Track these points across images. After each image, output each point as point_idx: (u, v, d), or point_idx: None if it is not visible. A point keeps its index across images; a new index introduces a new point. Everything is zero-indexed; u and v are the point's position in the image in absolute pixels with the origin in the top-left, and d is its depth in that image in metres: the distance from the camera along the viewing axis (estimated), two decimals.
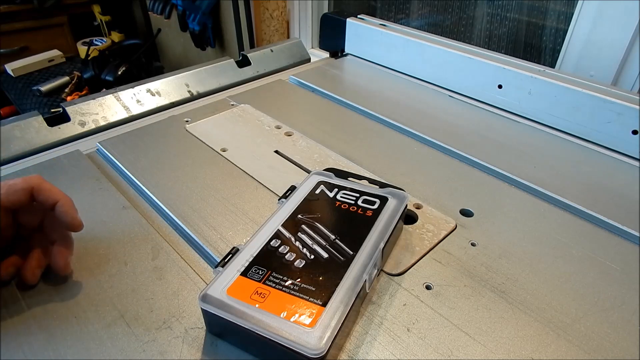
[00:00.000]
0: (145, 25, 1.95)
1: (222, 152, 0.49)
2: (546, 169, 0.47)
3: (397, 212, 0.36)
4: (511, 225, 0.40)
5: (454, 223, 0.40)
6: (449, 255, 0.36)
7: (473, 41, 1.03)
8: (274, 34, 1.42)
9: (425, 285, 0.34)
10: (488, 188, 0.45)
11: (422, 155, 0.50)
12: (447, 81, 0.64)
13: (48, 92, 1.46)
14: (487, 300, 0.33)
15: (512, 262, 0.36)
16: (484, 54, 0.60)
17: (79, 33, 1.85)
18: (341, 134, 0.54)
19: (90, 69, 1.44)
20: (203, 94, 0.64)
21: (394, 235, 0.36)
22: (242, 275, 0.30)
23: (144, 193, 0.43)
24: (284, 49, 0.74)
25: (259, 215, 0.40)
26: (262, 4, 1.37)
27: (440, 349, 0.29)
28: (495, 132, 0.55)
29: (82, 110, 0.55)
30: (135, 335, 0.29)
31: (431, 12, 1.10)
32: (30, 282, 0.32)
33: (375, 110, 0.58)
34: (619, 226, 0.40)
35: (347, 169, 0.47)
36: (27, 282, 0.32)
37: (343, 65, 0.74)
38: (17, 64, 1.58)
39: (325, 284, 0.29)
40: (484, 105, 0.61)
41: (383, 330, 0.30)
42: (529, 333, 0.30)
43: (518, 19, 0.93)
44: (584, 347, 0.29)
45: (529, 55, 0.93)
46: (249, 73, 0.70)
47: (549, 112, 0.54)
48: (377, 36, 0.70)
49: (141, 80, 0.61)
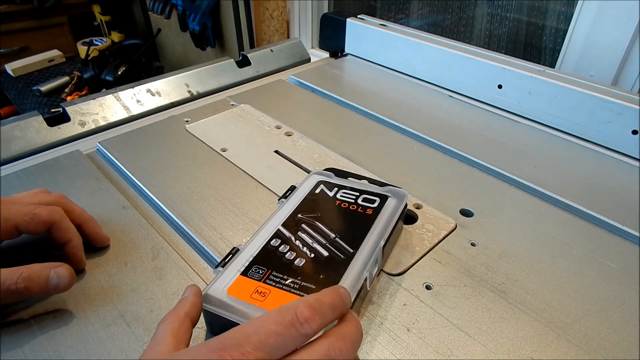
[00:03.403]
0: (145, 25, 1.95)
1: (222, 152, 0.49)
2: (546, 169, 0.47)
3: (397, 210, 0.36)
4: (511, 225, 0.40)
5: (454, 223, 0.40)
6: (449, 255, 0.36)
7: (473, 41, 1.03)
8: (274, 34, 1.42)
9: (425, 285, 0.34)
10: (488, 188, 0.45)
11: (422, 155, 0.50)
12: (447, 81, 0.64)
13: (48, 92, 1.46)
14: (487, 300, 0.33)
15: (512, 262, 0.36)
16: (484, 54, 0.60)
17: (79, 33, 1.85)
18: (341, 134, 0.54)
19: (90, 69, 1.44)
20: (203, 94, 0.64)
21: (394, 235, 0.36)
22: (242, 275, 0.30)
23: (144, 193, 0.43)
24: (284, 49, 0.74)
25: (259, 215, 0.40)
26: (262, 4, 1.37)
27: (440, 348, 0.29)
28: (495, 132, 0.55)
29: (82, 110, 0.55)
30: (135, 335, 0.29)
31: (431, 12, 1.10)
32: (82, 266, 0.35)
33: (375, 110, 0.58)
34: (619, 226, 0.40)
35: (347, 168, 0.47)
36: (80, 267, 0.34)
37: (343, 65, 0.74)
38: (17, 64, 1.58)
39: (326, 281, 0.29)
40: (484, 105, 0.61)
41: (383, 330, 0.30)
42: (529, 333, 0.30)
43: (518, 19, 0.93)
44: (584, 347, 0.29)
45: (529, 55, 0.93)
46: (249, 73, 0.70)
47: (548, 112, 0.55)
48: (377, 36, 0.70)
49: (141, 80, 0.61)
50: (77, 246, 0.34)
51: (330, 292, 0.25)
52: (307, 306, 0.23)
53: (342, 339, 0.23)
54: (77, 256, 0.34)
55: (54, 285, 0.30)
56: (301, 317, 0.22)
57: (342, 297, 0.25)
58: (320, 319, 0.23)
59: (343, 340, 0.23)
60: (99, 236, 0.36)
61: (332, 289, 0.25)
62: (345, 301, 0.25)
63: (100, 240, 0.36)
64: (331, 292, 0.25)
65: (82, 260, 0.34)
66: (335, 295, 0.24)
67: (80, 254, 0.34)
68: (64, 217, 0.34)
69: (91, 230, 0.36)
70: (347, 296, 0.25)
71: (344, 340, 0.23)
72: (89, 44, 1.71)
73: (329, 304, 0.24)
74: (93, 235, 0.36)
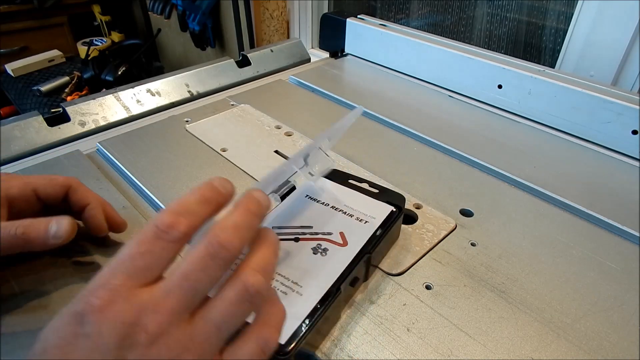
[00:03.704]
0: (145, 25, 1.95)
1: (222, 152, 0.49)
2: (546, 169, 0.47)
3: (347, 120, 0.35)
4: (511, 225, 0.40)
5: (454, 223, 0.40)
6: (449, 255, 0.36)
7: (473, 41, 1.03)
8: (274, 34, 1.42)
9: (425, 285, 0.34)
10: (488, 188, 0.45)
11: (422, 155, 0.50)
12: (447, 81, 0.64)
13: (48, 92, 1.46)
14: (487, 300, 0.33)
15: (512, 262, 0.36)
16: (484, 54, 0.60)
17: (79, 33, 1.85)
18: None
19: (90, 69, 1.44)
20: (203, 94, 0.64)
21: (393, 235, 0.36)
22: None
23: (144, 193, 0.43)
24: (284, 49, 0.74)
25: None
26: (262, 4, 1.37)
27: (440, 348, 0.29)
28: (495, 132, 0.55)
29: (82, 110, 0.55)
30: None
31: (431, 12, 1.10)
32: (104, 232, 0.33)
33: (375, 110, 0.58)
34: (619, 226, 0.40)
35: (347, 168, 0.47)
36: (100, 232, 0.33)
37: (343, 65, 0.74)
38: (17, 64, 1.57)
39: None
40: (484, 105, 0.61)
41: (383, 330, 0.30)
42: (529, 333, 0.30)
43: (518, 19, 0.93)
44: (584, 347, 0.29)
45: (529, 55, 0.93)
46: (249, 73, 0.70)
47: (548, 112, 0.55)
48: (377, 36, 0.70)
49: (141, 80, 0.61)
50: (96, 208, 0.32)
51: (199, 187, 0.22)
52: (168, 213, 0.20)
53: (253, 272, 0.20)
54: (97, 219, 0.32)
55: (53, 232, 0.28)
56: (163, 225, 0.20)
57: (215, 188, 0.22)
58: (187, 218, 0.20)
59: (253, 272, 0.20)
60: (117, 219, 0.34)
61: (205, 183, 0.22)
62: (223, 190, 0.22)
63: (118, 224, 0.34)
64: (200, 187, 0.22)
65: (103, 225, 0.33)
66: (205, 189, 0.22)
67: (100, 217, 0.32)
68: (81, 183, 0.33)
69: (109, 213, 0.34)
70: (226, 186, 0.22)
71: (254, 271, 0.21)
72: (89, 44, 1.71)
73: (197, 200, 0.21)
74: (110, 218, 0.34)
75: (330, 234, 0.33)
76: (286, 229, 0.34)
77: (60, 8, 1.80)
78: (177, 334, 0.19)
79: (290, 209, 0.36)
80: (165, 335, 0.19)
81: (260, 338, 0.21)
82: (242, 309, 0.20)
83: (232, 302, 0.20)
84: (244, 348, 0.20)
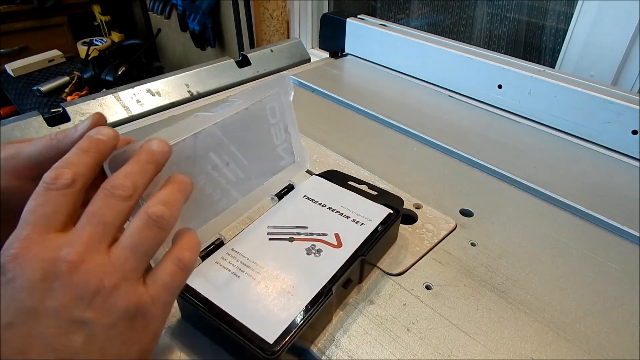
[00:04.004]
0: (145, 25, 1.95)
1: None
2: (546, 169, 0.47)
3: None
4: (511, 225, 0.40)
5: (454, 223, 0.40)
6: (449, 255, 0.36)
7: (473, 41, 1.03)
8: (274, 34, 1.42)
9: (425, 285, 0.34)
10: (488, 188, 0.45)
11: (422, 155, 0.50)
12: (447, 81, 0.64)
13: (48, 92, 1.46)
14: (487, 300, 0.33)
15: (512, 262, 0.36)
16: (484, 54, 0.60)
17: (79, 33, 1.85)
18: (341, 134, 0.54)
19: (90, 69, 1.44)
20: (203, 94, 0.64)
21: (392, 237, 0.36)
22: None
23: None
24: (284, 49, 0.74)
25: (257, 214, 0.40)
26: (262, 4, 1.37)
27: (440, 348, 0.29)
28: (495, 132, 0.55)
29: (82, 110, 0.55)
30: None
31: (431, 12, 1.10)
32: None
33: (375, 110, 0.58)
34: (619, 226, 0.40)
35: (347, 168, 0.47)
36: None
37: (343, 65, 0.74)
38: (17, 64, 1.57)
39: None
40: (484, 105, 0.61)
41: (383, 330, 0.30)
42: (529, 333, 0.30)
43: (518, 19, 0.93)
44: (584, 347, 0.29)
45: (529, 55, 0.93)
46: (249, 73, 0.70)
47: (548, 112, 0.55)
48: (377, 36, 0.70)
49: (141, 80, 0.61)
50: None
51: (79, 142, 0.24)
52: (52, 168, 0.22)
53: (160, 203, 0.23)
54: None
55: (86, 125, 0.27)
56: (48, 179, 0.21)
57: (91, 137, 0.23)
58: (69, 168, 0.22)
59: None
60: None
61: (85, 136, 0.24)
62: (101, 137, 0.24)
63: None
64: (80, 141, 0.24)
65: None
66: (82, 141, 0.23)
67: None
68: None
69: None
70: (102, 132, 0.24)
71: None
72: (89, 44, 1.71)
73: (75, 152, 0.23)
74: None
75: (325, 235, 0.33)
76: (282, 228, 0.34)
77: (60, 8, 1.80)
78: (97, 260, 0.21)
79: (286, 209, 0.36)
80: (85, 262, 0.20)
81: (174, 258, 0.23)
82: (150, 233, 0.22)
83: (139, 227, 0.22)
84: (161, 269, 0.23)
